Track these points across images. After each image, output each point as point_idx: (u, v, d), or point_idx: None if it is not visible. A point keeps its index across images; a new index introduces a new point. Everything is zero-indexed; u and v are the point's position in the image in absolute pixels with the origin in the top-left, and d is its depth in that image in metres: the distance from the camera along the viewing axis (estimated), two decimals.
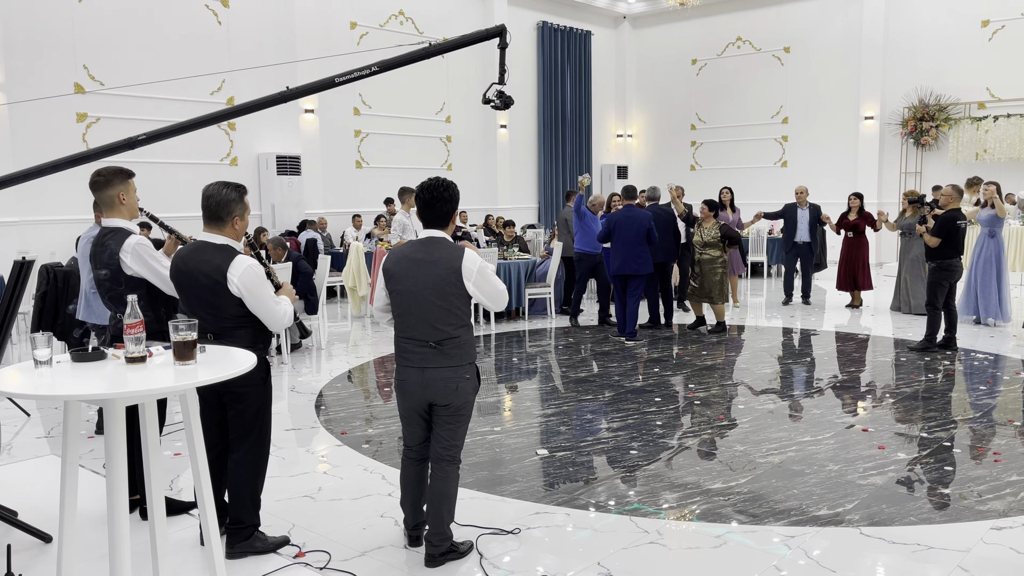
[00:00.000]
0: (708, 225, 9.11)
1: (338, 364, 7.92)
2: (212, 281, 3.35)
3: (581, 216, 9.48)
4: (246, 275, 3.34)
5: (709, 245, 9.10)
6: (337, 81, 5.16)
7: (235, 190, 3.47)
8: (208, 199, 3.43)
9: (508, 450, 5.18)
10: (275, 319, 3.43)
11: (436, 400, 3.40)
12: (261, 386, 3.53)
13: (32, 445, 5.45)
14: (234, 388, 3.42)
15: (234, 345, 3.27)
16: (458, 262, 3.32)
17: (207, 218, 3.46)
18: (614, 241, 8.79)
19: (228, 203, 3.43)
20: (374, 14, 14.58)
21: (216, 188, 3.44)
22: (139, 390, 2.34)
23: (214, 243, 3.43)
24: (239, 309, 3.39)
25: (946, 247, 7.82)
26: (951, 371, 7.22)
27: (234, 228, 3.47)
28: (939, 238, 7.80)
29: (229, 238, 3.46)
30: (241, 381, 3.25)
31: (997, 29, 14.93)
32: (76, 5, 11.04)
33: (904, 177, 16.06)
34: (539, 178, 17.99)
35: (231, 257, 3.37)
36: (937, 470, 4.70)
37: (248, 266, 3.36)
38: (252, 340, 3.44)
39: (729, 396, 6.51)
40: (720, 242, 9.07)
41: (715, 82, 18.44)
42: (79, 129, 11.12)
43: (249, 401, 3.49)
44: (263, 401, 3.55)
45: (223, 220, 3.44)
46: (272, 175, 12.94)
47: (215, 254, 3.38)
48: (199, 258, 3.40)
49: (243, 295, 3.35)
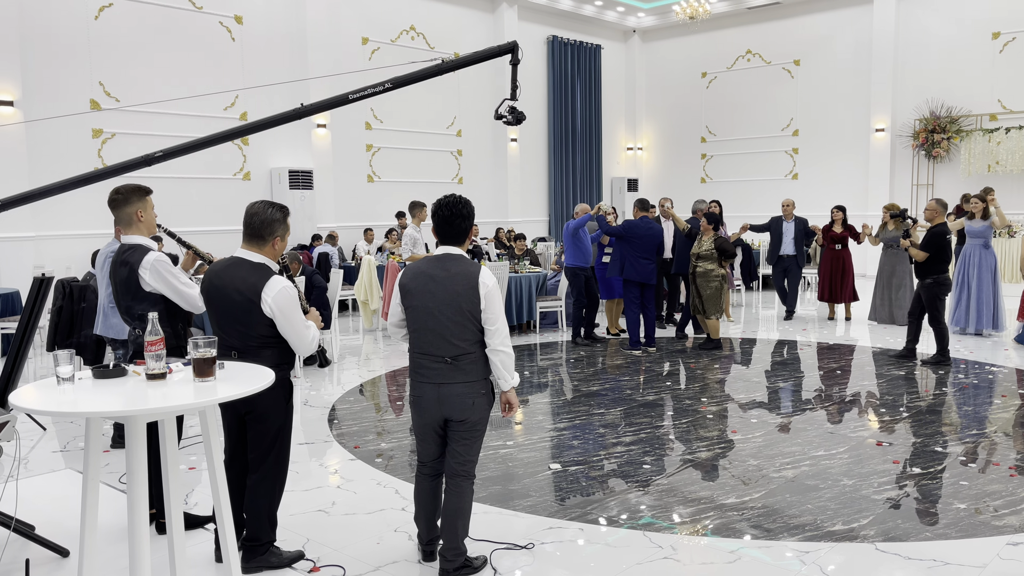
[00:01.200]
0: (707, 238, 8.95)
1: (350, 378, 7.95)
2: (245, 299, 3.36)
3: (574, 234, 9.41)
4: (280, 296, 3.35)
5: (703, 258, 8.90)
6: (351, 97, 5.21)
7: (280, 210, 3.49)
8: (252, 216, 3.44)
9: (520, 464, 5.18)
10: (304, 343, 3.45)
11: (452, 416, 3.42)
12: (283, 406, 3.54)
13: (48, 459, 5.49)
14: (256, 407, 3.43)
15: (258, 364, 3.27)
16: (475, 278, 3.35)
17: (248, 235, 3.47)
18: (627, 249, 8.82)
19: (272, 223, 3.45)
20: (386, 29, 14.70)
21: (262, 207, 3.46)
22: (160, 407, 2.37)
23: (251, 260, 3.44)
24: (268, 329, 3.40)
25: (939, 261, 7.82)
26: (965, 384, 7.18)
27: (274, 248, 3.48)
28: (928, 253, 7.80)
29: (267, 257, 3.47)
30: (263, 401, 3.27)
31: (1008, 41, 14.91)
32: (92, 22, 11.19)
33: (916, 189, 16.03)
34: (549, 191, 18.04)
35: (267, 277, 3.38)
36: (952, 485, 4.68)
37: (283, 287, 3.37)
38: (277, 360, 3.44)
39: (741, 409, 6.49)
40: (716, 255, 8.86)
41: (725, 95, 18.47)
42: (95, 145, 11.25)
43: (271, 421, 3.50)
44: (284, 421, 3.56)
45: (264, 239, 3.45)
46: (285, 189, 13.03)
47: (251, 272, 3.40)
48: (234, 274, 3.41)
49: (275, 316, 3.36)
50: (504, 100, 5.50)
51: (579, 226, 9.38)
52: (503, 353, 3.42)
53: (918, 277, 8.06)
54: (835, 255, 10.66)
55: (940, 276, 7.85)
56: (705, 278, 8.89)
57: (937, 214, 8.03)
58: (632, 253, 8.82)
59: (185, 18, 12.11)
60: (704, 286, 8.90)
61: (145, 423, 2.48)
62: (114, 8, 11.38)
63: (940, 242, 7.81)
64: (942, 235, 7.84)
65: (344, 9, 14.02)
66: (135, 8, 11.57)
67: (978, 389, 7.04)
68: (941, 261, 7.83)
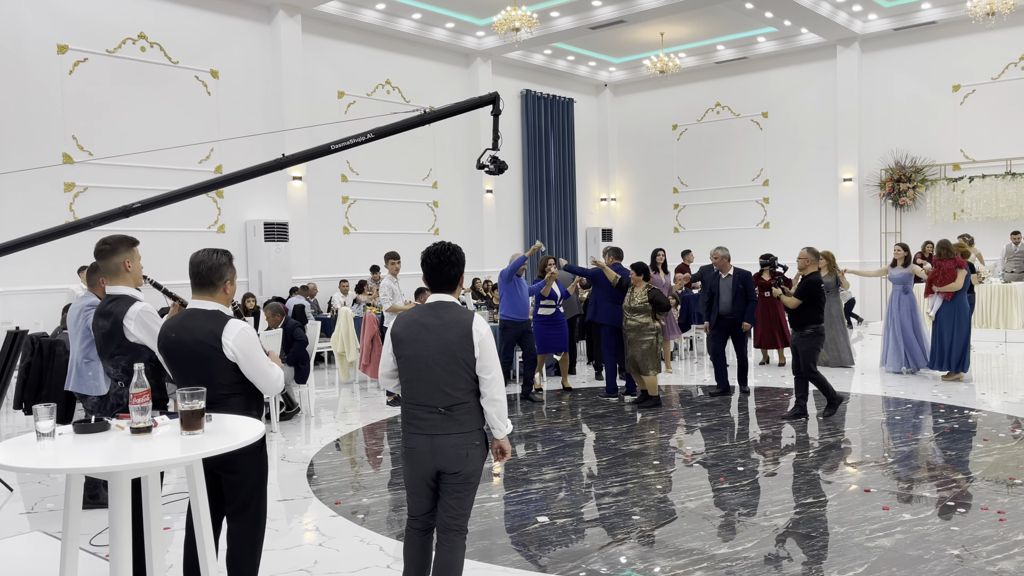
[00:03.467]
0: (639, 289, 8.44)
1: (328, 432, 7.79)
2: (206, 347, 3.30)
3: (508, 280, 9.01)
4: (240, 338, 3.31)
5: (636, 311, 8.36)
6: (333, 148, 5.21)
7: (224, 255, 3.49)
8: (198, 265, 3.42)
9: (508, 517, 5.07)
10: (270, 383, 3.39)
11: (446, 468, 3.33)
12: (257, 455, 3.44)
13: (15, 521, 5.27)
14: (231, 457, 3.32)
15: (227, 413, 3.21)
16: (469, 326, 3.30)
17: (197, 285, 3.44)
18: (600, 293, 8.85)
19: (219, 267, 3.43)
20: (362, 83, 14.83)
21: (206, 254, 3.45)
22: (145, 462, 2.27)
23: (204, 309, 3.40)
24: (233, 375, 3.34)
25: (814, 309, 7.64)
26: (946, 429, 7.20)
27: (225, 293, 3.46)
28: (801, 300, 7.64)
29: (220, 303, 3.44)
30: (239, 450, 3.17)
31: (968, 93, 15.40)
32: (66, 77, 11.16)
33: (884, 237, 16.32)
34: (525, 241, 18.11)
35: (224, 322, 3.34)
36: (944, 531, 4.64)
37: (243, 328, 3.33)
38: (246, 407, 3.38)
39: (728, 458, 6.44)
40: (649, 308, 8.34)
41: (696, 146, 18.81)
42: (67, 199, 11.12)
43: (246, 471, 3.39)
44: (260, 470, 3.46)
45: (215, 285, 3.43)
46: (260, 242, 12.94)
47: (208, 320, 3.35)
48: (191, 325, 3.35)
49: (238, 358, 3.31)
50: (486, 150, 5.53)
51: (513, 270, 8.98)
52: (499, 403, 3.36)
53: (794, 327, 7.81)
54: (766, 302, 10.71)
55: (818, 327, 7.68)
56: (639, 332, 8.34)
57: (809, 263, 7.88)
58: (604, 296, 8.84)
59: (161, 72, 12.12)
60: (638, 341, 8.37)
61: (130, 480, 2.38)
62: (88, 63, 11.37)
63: (814, 291, 7.63)
64: (816, 284, 7.67)
65: (320, 64, 14.14)
66: (109, 63, 11.57)
67: (962, 434, 7.06)
68: (816, 309, 7.66)
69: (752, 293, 9.00)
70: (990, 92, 15.20)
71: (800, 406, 7.87)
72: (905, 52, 16.07)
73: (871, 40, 16.33)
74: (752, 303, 8.96)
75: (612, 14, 14.55)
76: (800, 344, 7.71)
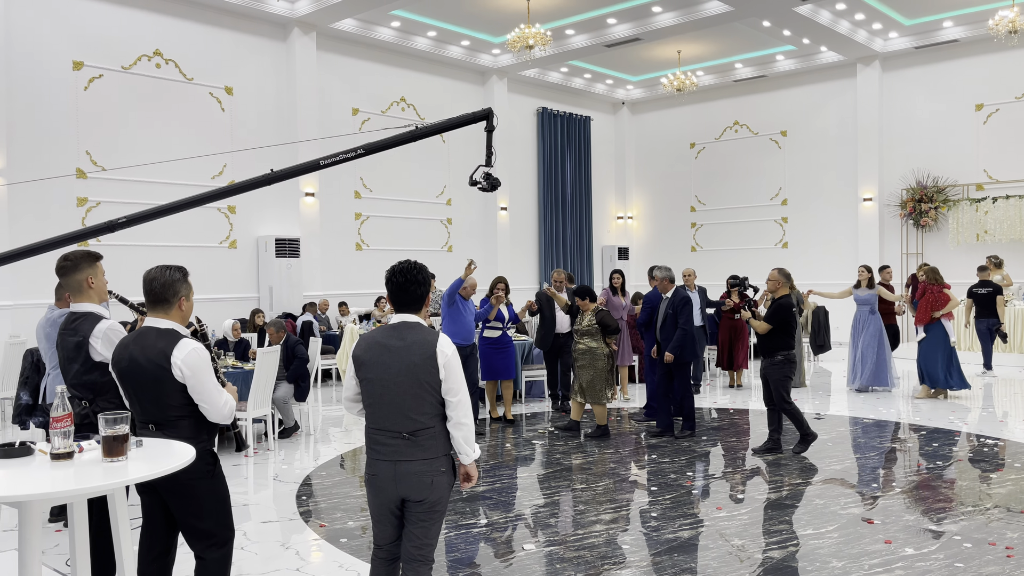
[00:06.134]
0: (587, 312, 7.92)
1: (328, 450, 7.69)
2: (156, 367, 3.19)
3: (451, 303, 8.37)
4: (190, 357, 3.20)
5: (585, 334, 7.84)
6: (322, 163, 5.15)
7: (178, 271, 3.40)
8: (152, 282, 3.33)
9: (494, 544, 4.93)
10: (215, 408, 3.25)
11: (410, 496, 3.20)
12: (209, 479, 3.31)
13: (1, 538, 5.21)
14: (176, 483, 3.20)
15: (176, 436, 3.11)
16: (433, 346, 3.18)
17: (152, 303, 3.35)
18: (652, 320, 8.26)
19: (173, 283, 3.35)
20: (376, 101, 14.86)
21: (158, 271, 3.37)
22: (59, 491, 2.15)
23: (157, 327, 3.30)
24: (182, 397, 3.23)
25: (785, 335, 7.15)
26: (960, 458, 6.95)
27: (180, 310, 3.36)
28: (771, 325, 7.15)
29: (175, 321, 3.35)
30: (184, 475, 3.06)
31: (991, 113, 15.10)
32: (81, 93, 11.26)
33: (906, 258, 16.01)
34: (540, 260, 18.00)
35: (175, 340, 3.24)
36: (948, 567, 4.43)
37: (193, 348, 3.23)
38: (195, 431, 3.27)
39: (725, 485, 6.25)
40: (598, 330, 7.81)
41: (714, 165, 18.63)
42: (79, 213, 11.19)
43: (197, 497, 3.27)
44: (217, 496, 3.34)
45: (170, 302, 3.34)
46: (271, 257, 12.94)
47: (159, 338, 3.25)
48: (143, 344, 3.25)
49: (186, 378, 3.19)
50: (479, 166, 5.45)
51: (452, 292, 8.35)
52: (466, 427, 3.24)
53: (763, 354, 7.28)
54: (732, 324, 11.05)
55: (789, 353, 7.16)
56: (590, 356, 7.79)
57: (780, 285, 7.35)
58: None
59: (175, 89, 12.21)
60: (588, 367, 7.80)
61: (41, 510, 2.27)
62: (104, 79, 11.47)
63: (784, 315, 7.12)
64: (787, 307, 7.15)
65: (334, 81, 14.18)
66: (125, 79, 11.67)
67: (974, 463, 6.81)
68: (787, 335, 7.16)
69: (684, 319, 7.90)
70: (1014, 111, 14.89)
71: (773, 439, 7.29)
72: (927, 71, 15.81)
73: (892, 58, 16.09)
74: (681, 331, 7.84)
75: (627, 32, 14.46)
76: (771, 373, 7.19)
